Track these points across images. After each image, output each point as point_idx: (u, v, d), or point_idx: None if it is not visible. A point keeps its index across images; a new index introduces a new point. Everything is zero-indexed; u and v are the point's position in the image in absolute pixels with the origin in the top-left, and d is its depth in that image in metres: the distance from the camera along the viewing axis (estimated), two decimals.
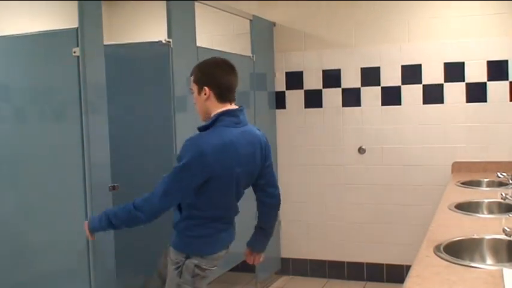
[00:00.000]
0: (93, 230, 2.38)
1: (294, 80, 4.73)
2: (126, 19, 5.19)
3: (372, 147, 4.55)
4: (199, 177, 2.23)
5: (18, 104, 2.84)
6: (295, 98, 4.74)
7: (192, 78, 2.37)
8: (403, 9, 4.40)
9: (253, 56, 4.31)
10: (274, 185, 2.55)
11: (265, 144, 2.47)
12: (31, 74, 2.79)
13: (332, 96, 4.63)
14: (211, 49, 3.80)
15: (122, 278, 2.86)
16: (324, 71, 4.65)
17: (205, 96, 2.31)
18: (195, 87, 2.35)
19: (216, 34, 4.79)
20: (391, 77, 4.45)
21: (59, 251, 2.75)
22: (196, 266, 2.37)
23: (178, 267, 2.38)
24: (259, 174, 2.47)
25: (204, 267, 2.39)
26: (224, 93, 2.31)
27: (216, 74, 2.32)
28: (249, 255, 2.73)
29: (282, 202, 2.64)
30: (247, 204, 3.39)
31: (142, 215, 2.26)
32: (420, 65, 4.37)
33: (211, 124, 2.30)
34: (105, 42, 2.71)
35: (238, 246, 4.23)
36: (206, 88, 2.30)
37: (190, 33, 3.39)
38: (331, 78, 4.63)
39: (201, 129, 2.32)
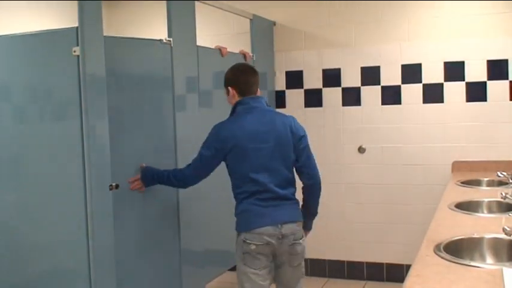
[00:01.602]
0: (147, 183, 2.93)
1: (294, 79, 4.73)
2: (126, 19, 5.19)
3: (371, 147, 4.55)
4: (217, 149, 2.74)
5: (18, 104, 2.83)
6: (295, 97, 4.74)
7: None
8: (403, 8, 4.40)
9: (253, 55, 4.31)
10: (310, 167, 2.85)
11: (295, 128, 2.80)
12: (31, 74, 2.79)
13: (332, 96, 4.64)
14: (211, 49, 3.80)
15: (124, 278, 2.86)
16: (324, 70, 4.65)
17: (231, 95, 2.81)
18: (225, 90, 2.86)
19: (216, 33, 4.79)
20: (391, 77, 4.45)
21: (59, 251, 2.74)
22: (243, 241, 2.69)
23: (236, 245, 2.77)
24: (295, 156, 2.79)
25: (249, 241, 2.66)
26: (243, 89, 2.79)
27: (234, 75, 2.82)
28: None
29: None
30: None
31: (176, 182, 2.91)
32: (420, 64, 4.38)
33: (231, 113, 2.83)
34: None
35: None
36: (229, 88, 2.81)
37: (191, 32, 3.39)
38: (331, 77, 4.63)
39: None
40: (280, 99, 4.77)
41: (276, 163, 2.72)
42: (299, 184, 2.91)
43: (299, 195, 2.92)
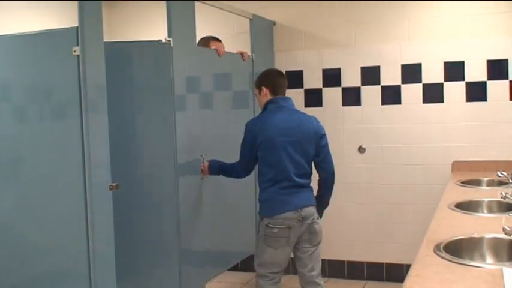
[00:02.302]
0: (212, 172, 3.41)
1: (294, 79, 4.72)
2: (126, 19, 5.19)
3: (372, 147, 4.55)
4: (253, 144, 3.15)
5: (18, 104, 2.83)
6: (295, 97, 4.66)
7: (255, 86, 3.33)
8: (403, 8, 4.40)
9: (252, 55, 4.31)
10: (328, 162, 3.26)
11: (316, 127, 3.24)
12: (31, 73, 2.79)
13: (332, 96, 4.64)
14: (211, 49, 3.80)
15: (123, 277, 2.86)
16: (324, 70, 4.65)
17: (264, 94, 3.24)
18: (257, 91, 3.29)
19: (216, 33, 4.78)
20: (391, 76, 4.45)
21: (59, 251, 2.74)
22: (267, 225, 3.09)
23: (258, 227, 3.20)
24: (316, 152, 3.21)
25: (272, 226, 3.07)
26: (275, 89, 3.24)
27: (268, 77, 3.29)
28: None
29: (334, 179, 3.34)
30: (245, 205, 3.39)
31: (234, 174, 3.36)
32: (420, 64, 4.38)
33: (263, 110, 3.26)
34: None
35: (238, 246, 4.24)
36: (263, 88, 3.25)
37: (190, 32, 3.39)
38: (331, 77, 4.63)
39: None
40: None
41: (298, 156, 3.13)
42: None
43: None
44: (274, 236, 3.08)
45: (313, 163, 3.25)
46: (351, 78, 4.57)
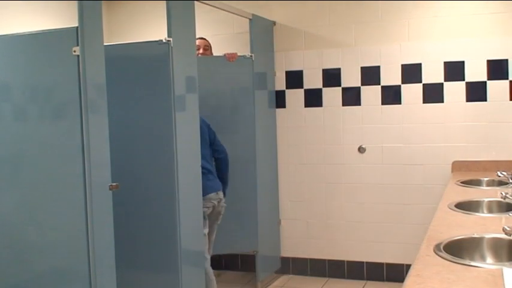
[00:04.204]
0: None
1: (294, 79, 4.73)
2: (126, 19, 5.19)
3: (372, 146, 4.55)
4: None
5: (18, 103, 2.84)
6: (295, 97, 4.74)
7: None
8: (403, 8, 4.40)
9: (251, 56, 4.31)
10: (221, 146, 3.81)
11: (208, 125, 3.74)
12: (31, 73, 2.79)
13: (332, 95, 4.63)
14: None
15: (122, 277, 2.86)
16: (324, 70, 4.65)
17: None
18: None
19: (216, 33, 4.79)
20: (391, 76, 4.45)
21: (59, 250, 2.74)
22: None
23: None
24: (211, 143, 3.74)
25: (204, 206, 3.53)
26: None
27: None
28: None
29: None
30: None
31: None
32: (420, 64, 4.38)
33: None
34: (105, 43, 2.70)
35: (239, 243, 4.23)
36: None
37: (190, 32, 3.39)
38: (331, 77, 4.63)
39: None
40: (280, 99, 4.77)
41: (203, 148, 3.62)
42: None
43: None
44: (204, 214, 3.51)
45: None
46: (351, 78, 4.57)
